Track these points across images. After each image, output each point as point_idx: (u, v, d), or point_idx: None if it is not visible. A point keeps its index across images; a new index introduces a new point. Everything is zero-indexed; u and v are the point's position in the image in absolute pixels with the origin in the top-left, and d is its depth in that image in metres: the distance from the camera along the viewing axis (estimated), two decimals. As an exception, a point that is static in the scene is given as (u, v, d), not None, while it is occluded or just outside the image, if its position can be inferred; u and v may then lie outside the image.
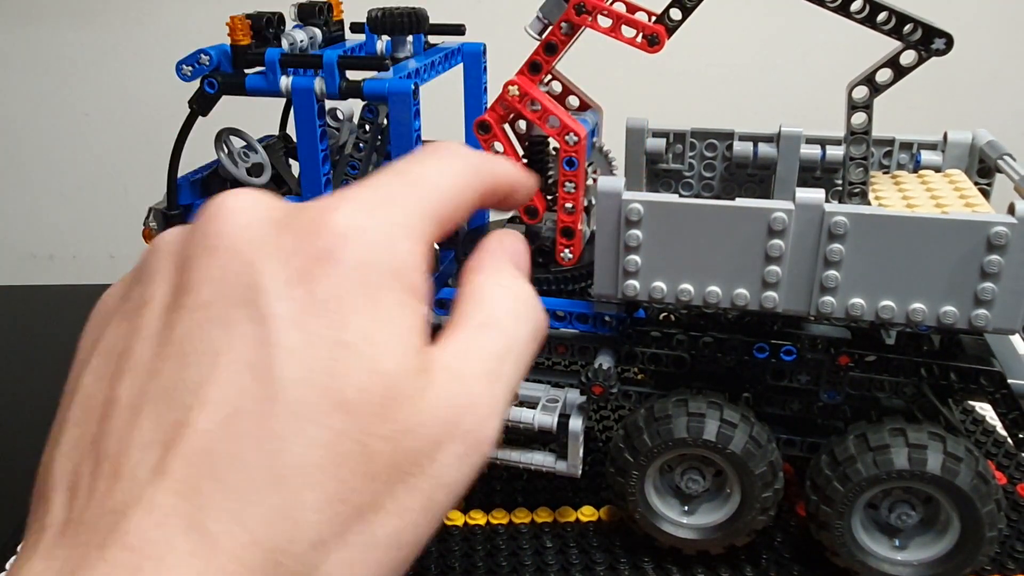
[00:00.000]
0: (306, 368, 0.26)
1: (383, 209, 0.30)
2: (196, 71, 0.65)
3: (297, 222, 0.29)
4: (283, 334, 0.26)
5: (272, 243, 0.28)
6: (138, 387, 0.27)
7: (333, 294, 0.27)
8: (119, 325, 0.29)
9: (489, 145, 0.65)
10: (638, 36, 0.60)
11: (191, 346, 0.26)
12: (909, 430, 0.56)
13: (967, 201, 0.59)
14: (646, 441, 0.60)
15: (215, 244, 0.28)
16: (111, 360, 0.28)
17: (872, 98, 0.59)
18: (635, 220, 0.55)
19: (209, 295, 0.27)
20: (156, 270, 0.30)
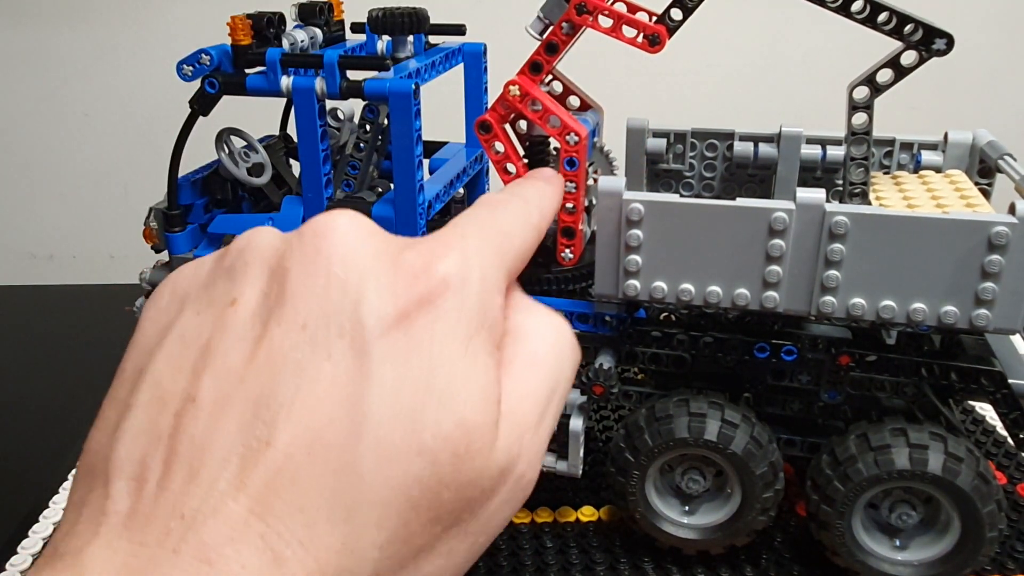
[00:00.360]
0: (395, 409, 0.27)
1: (483, 262, 0.31)
2: (197, 71, 0.65)
3: (404, 261, 0.29)
4: (378, 372, 0.27)
5: (378, 277, 0.28)
6: (224, 390, 0.27)
7: (430, 340, 0.28)
8: (202, 315, 0.29)
9: (490, 145, 0.65)
10: (639, 36, 0.60)
11: (284, 363, 0.27)
12: (910, 430, 0.56)
13: (968, 201, 0.59)
14: (647, 441, 0.60)
15: (320, 264, 0.28)
16: (190, 350, 0.28)
17: (873, 98, 0.59)
18: (636, 220, 0.55)
19: (309, 316, 0.27)
20: (248, 269, 0.29)
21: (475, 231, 0.33)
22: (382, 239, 0.30)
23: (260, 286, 0.29)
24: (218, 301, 0.29)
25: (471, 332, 0.30)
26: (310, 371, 0.27)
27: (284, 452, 0.25)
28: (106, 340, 1.04)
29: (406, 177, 0.63)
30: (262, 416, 0.26)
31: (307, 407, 0.26)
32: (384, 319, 0.28)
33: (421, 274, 0.29)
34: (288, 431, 0.26)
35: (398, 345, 0.28)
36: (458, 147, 0.79)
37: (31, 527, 0.69)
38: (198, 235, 0.71)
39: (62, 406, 0.91)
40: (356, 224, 0.30)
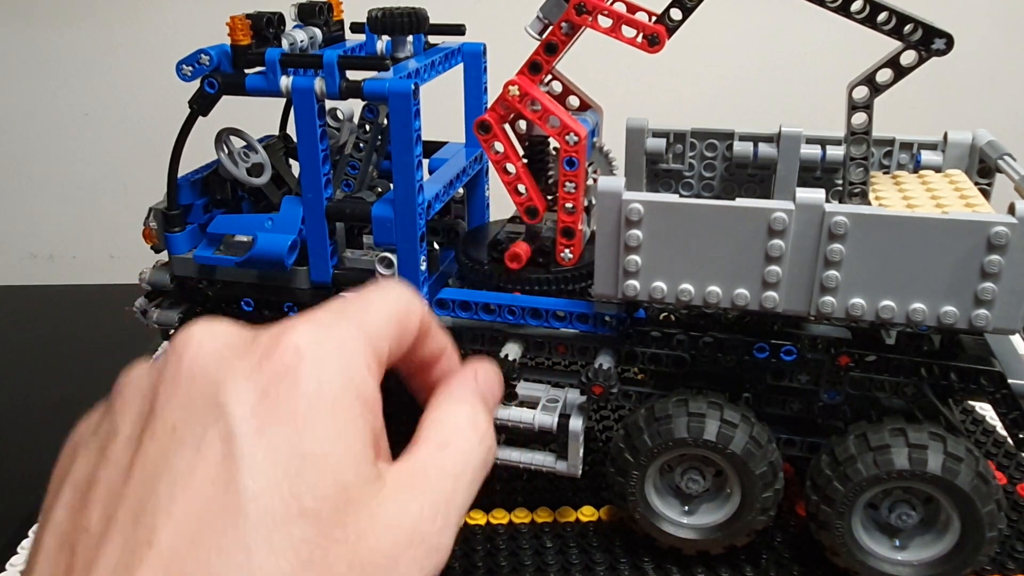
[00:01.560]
0: (269, 480, 0.27)
1: (335, 327, 0.32)
2: (196, 71, 0.65)
3: (256, 344, 0.31)
4: (247, 449, 0.28)
5: (234, 365, 0.30)
6: (106, 514, 0.28)
7: (293, 409, 0.29)
8: (87, 457, 0.30)
9: (489, 145, 0.65)
10: (638, 36, 0.60)
11: (158, 469, 0.28)
12: (909, 430, 0.56)
13: (967, 201, 0.59)
14: (646, 441, 0.60)
15: (181, 373, 0.30)
16: (80, 490, 0.29)
17: (872, 98, 0.59)
18: (635, 220, 0.55)
19: (176, 419, 0.29)
20: (125, 403, 0.31)
21: (328, 306, 0.34)
22: (235, 332, 0.31)
23: (136, 413, 0.30)
24: (101, 439, 0.30)
25: (335, 394, 0.30)
26: (182, 467, 0.28)
27: (168, 548, 0.26)
28: (106, 340, 1.05)
29: (405, 177, 0.63)
30: (143, 522, 0.27)
31: (184, 500, 0.27)
32: (246, 401, 0.29)
33: (273, 350, 0.30)
34: (169, 527, 0.27)
35: (264, 421, 0.28)
36: (458, 147, 0.79)
37: (31, 527, 0.69)
38: (197, 235, 0.71)
39: (62, 406, 0.91)
40: (208, 327, 0.31)
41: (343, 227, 0.71)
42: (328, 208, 0.66)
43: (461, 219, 0.81)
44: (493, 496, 0.71)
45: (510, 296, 0.65)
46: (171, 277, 0.71)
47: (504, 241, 0.68)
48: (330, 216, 0.66)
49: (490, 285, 0.67)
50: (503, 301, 0.64)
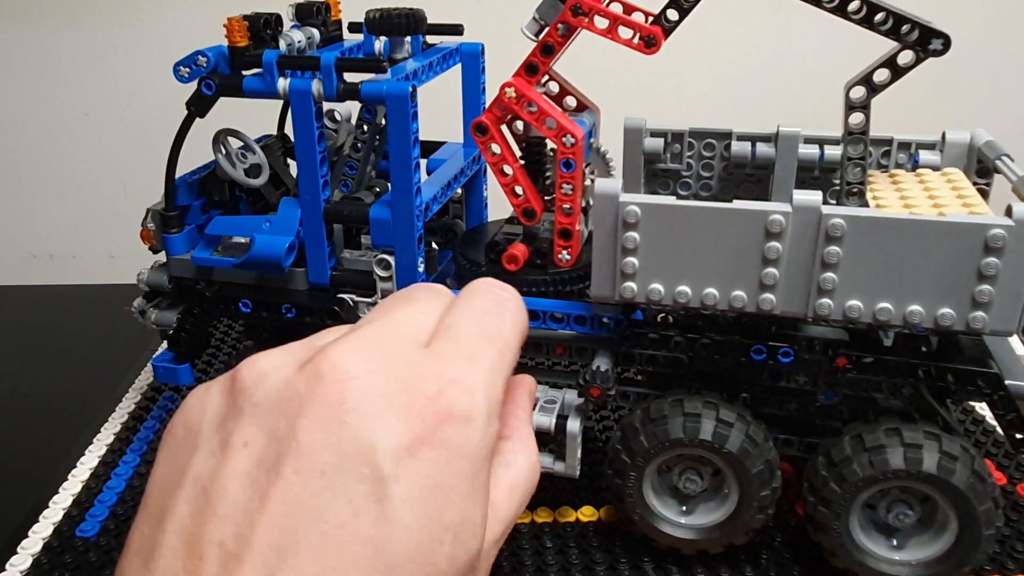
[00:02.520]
0: (416, 548, 0.29)
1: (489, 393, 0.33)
2: (193, 72, 0.65)
3: (414, 397, 0.31)
4: (398, 515, 0.28)
5: (390, 419, 0.30)
6: (241, 536, 0.28)
7: (441, 479, 0.30)
8: (216, 456, 0.30)
9: (486, 147, 0.65)
10: (635, 37, 0.60)
11: (304, 509, 0.28)
12: (905, 430, 0.56)
13: (965, 201, 0.58)
14: (643, 442, 0.60)
15: (330, 407, 0.29)
16: (209, 495, 0.29)
17: (870, 98, 0.59)
18: (632, 222, 0.55)
19: (326, 463, 0.29)
20: (258, 411, 0.31)
21: (479, 347, 0.34)
22: (392, 375, 0.31)
23: (268, 428, 0.30)
24: (231, 443, 0.30)
25: (476, 468, 0.31)
26: (333, 517, 0.28)
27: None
28: (106, 340, 1.05)
29: (403, 179, 0.63)
30: (289, 561, 0.27)
31: (334, 552, 0.27)
32: (399, 462, 0.29)
33: (430, 410, 0.30)
34: (317, 574, 0.27)
35: (414, 486, 0.29)
36: (456, 147, 0.78)
37: (31, 527, 0.69)
38: (195, 236, 0.71)
39: (62, 406, 0.91)
40: (357, 358, 0.31)
41: (341, 228, 0.71)
42: (326, 210, 0.66)
43: (459, 219, 0.81)
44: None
45: (508, 297, 0.65)
46: (169, 278, 0.71)
47: (501, 242, 0.68)
48: (328, 218, 0.66)
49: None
50: (501, 302, 0.64)
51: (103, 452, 0.79)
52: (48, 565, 0.65)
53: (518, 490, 0.36)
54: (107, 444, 0.80)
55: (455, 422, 0.31)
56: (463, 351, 0.33)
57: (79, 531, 0.68)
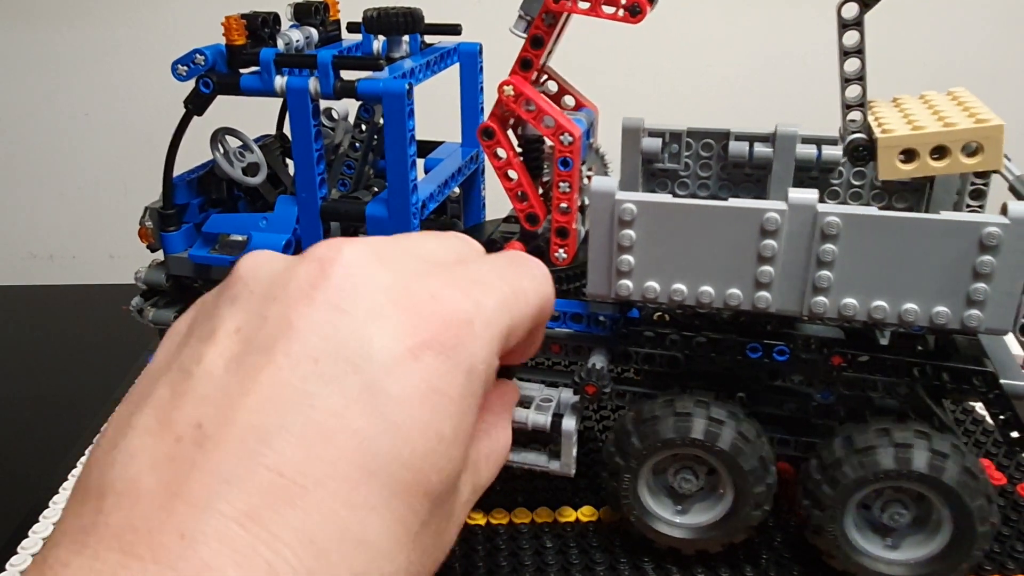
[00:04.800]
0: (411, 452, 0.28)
1: (495, 318, 0.32)
2: (191, 71, 0.65)
3: (416, 299, 0.30)
4: (391, 414, 0.28)
5: (388, 316, 0.29)
6: (227, 415, 0.27)
7: (443, 389, 0.29)
8: (205, 342, 0.29)
9: (492, 151, 0.65)
10: (619, 11, 0.59)
11: (293, 393, 0.27)
12: (894, 430, 0.56)
13: (970, 113, 0.56)
14: (635, 443, 0.60)
15: (329, 299, 0.29)
16: (193, 378, 0.28)
17: (863, 13, 0.57)
18: (628, 220, 0.55)
19: (319, 351, 0.28)
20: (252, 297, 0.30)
21: (492, 281, 0.33)
22: (393, 270, 0.30)
23: (261, 312, 0.29)
24: (221, 329, 0.29)
25: (474, 387, 0.31)
26: (323, 405, 0.27)
27: (295, 482, 0.26)
28: (106, 340, 1.05)
29: (399, 177, 0.63)
30: (271, 444, 0.26)
31: (321, 440, 0.26)
32: (398, 361, 0.28)
33: (434, 317, 0.30)
34: (299, 461, 0.26)
35: (411, 388, 0.28)
36: (454, 147, 0.79)
37: (31, 527, 0.69)
38: (193, 234, 0.71)
39: (62, 406, 0.91)
40: (362, 254, 0.30)
41: (339, 226, 0.71)
42: (322, 207, 0.66)
43: (457, 219, 0.81)
44: (493, 496, 0.71)
45: (504, 296, 0.65)
46: (167, 276, 0.71)
47: (499, 240, 0.68)
48: (324, 216, 0.66)
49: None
50: (497, 301, 0.64)
51: (103, 452, 0.78)
52: (47, 564, 0.65)
53: (493, 459, 0.36)
54: (107, 444, 0.80)
55: (460, 332, 0.30)
56: (474, 278, 0.33)
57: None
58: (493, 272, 0.34)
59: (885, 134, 0.55)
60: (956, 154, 0.54)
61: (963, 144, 0.54)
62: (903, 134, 0.55)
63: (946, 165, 0.54)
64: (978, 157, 0.54)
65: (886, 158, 0.55)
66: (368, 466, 0.27)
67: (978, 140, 0.54)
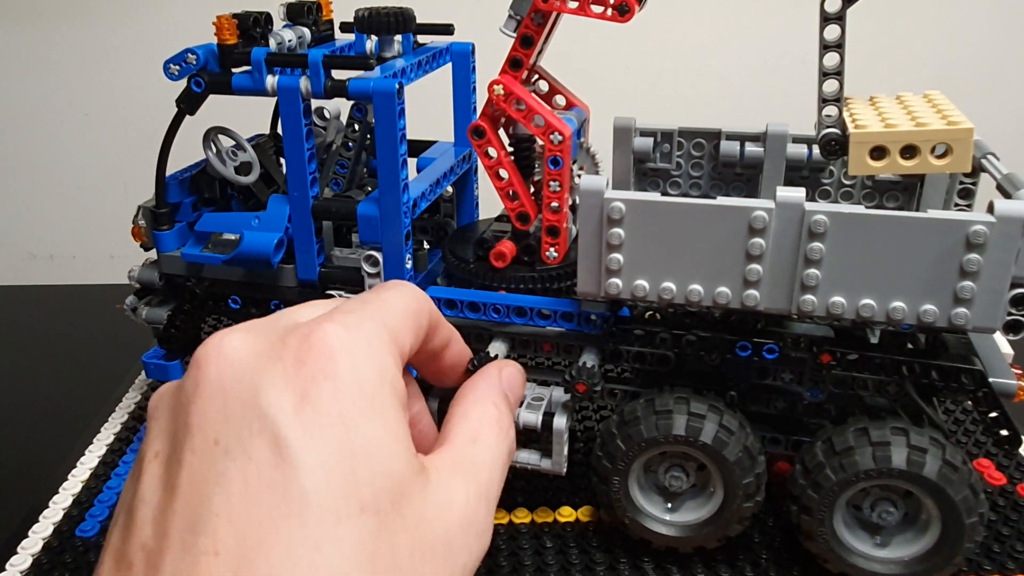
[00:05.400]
0: (327, 479, 0.28)
1: (362, 325, 0.33)
2: (183, 70, 0.65)
3: (286, 347, 0.31)
4: (299, 451, 0.28)
5: (268, 370, 0.30)
6: (160, 530, 0.28)
7: (337, 408, 0.30)
8: (131, 482, 0.31)
9: (483, 150, 0.65)
10: (607, 10, 0.59)
11: (208, 482, 0.28)
12: (872, 429, 0.56)
13: (943, 114, 0.57)
14: (620, 446, 0.60)
15: (210, 385, 0.30)
16: (130, 512, 0.30)
17: (845, 8, 0.57)
18: (617, 219, 0.55)
19: (217, 432, 0.29)
20: (157, 424, 0.31)
21: (347, 305, 0.35)
22: (259, 336, 0.32)
23: (169, 431, 0.31)
24: (144, 461, 0.31)
25: (374, 390, 0.31)
26: (235, 477, 0.28)
27: (235, 554, 0.27)
28: (106, 340, 1.05)
29: (390, 176, 0.63)
30: (204, 531, 0.27)
31: (243, 508, 0.27)
32: (287, 404, 0.29)
33: (306, 352, 0.31)
34: (231, 535, 0.27)
35: (310, 423, 0.29)
36: (446, 146, 0.79)
37: (31, 527, 0.69)
38: (186, 233, 0.71)
39: (62, 406, 0.92)
40: (228, 336, 0.31)
41: (331, 225, 0.71)
42: (314, 207, 0.66)
43: (450, 218, 0.81)
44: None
45: (495, 294, 0.65)
46: (159, 275, 0.72)
47: (490, 240, 0.68)
48: (316, 215, 0.66)
49: (476, 283, 0.67)
50: (488, 299, 0.64)
51: (103, 452, 0.79)
52: (48, 565, 0.65)
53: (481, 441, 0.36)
54: (107, 444, 0.80)
55: (334, 354, 0.31)
56: (334, 309, 0.34)
57: (79, 531, 0.68)
58: (353, 300, 0.36)
59: (858, 130, 0.56)
60: (925, 154, 0.55)
61: (933, 145, 0.54)
62: (875, 131, 0.55)
63: (915, 164, 0.55)
64: (947, 159, 0.55)
65: (857, 154, 0.56)
66: (296, 511, 0.27)
67: (947, 142, 0.54)
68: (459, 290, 0.66)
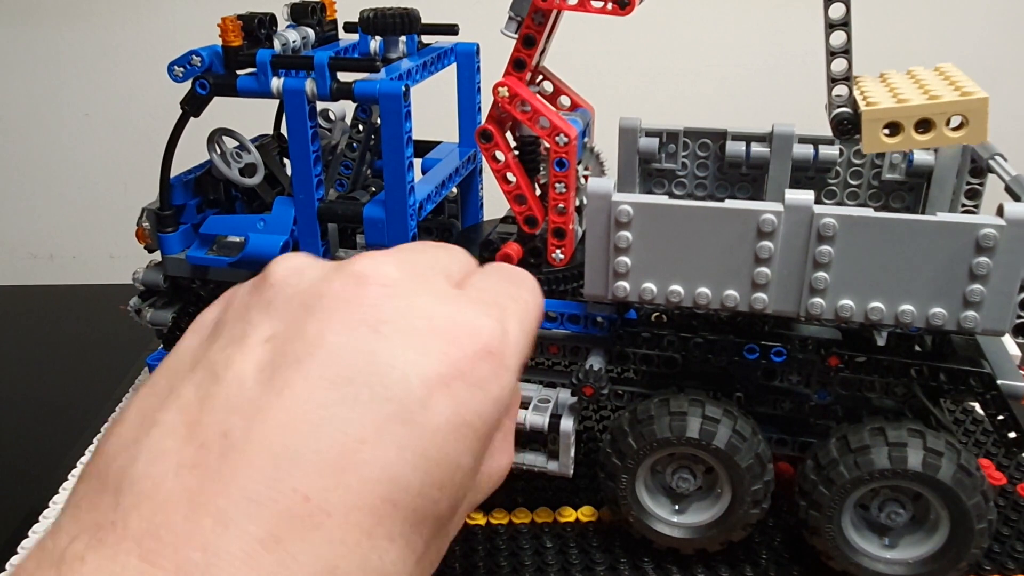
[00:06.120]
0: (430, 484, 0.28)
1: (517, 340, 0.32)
2: (188, 72, 0.65)
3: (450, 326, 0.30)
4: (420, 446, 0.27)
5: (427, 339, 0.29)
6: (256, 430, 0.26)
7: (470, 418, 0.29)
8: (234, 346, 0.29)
9: (491, 154, 0.65)
10: (607, 4, 0.59)
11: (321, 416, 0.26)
12: (889, 429, 0.56)
13: (956, 87, 0.55)
14: (631, 444, 0.60)
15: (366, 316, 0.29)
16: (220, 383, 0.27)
17: (849, 14, 0.56)
18: (624, 221, 0.55)
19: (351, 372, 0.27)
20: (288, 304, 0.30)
21: (508, 304, 0.33)
22: (425, 291, 0.30)
23: (299, 324, 0.28)
24: (253, 334, 0.29)
25: (498, 416, 0.30)
26: (353, 430, 0.26)
27: (321, 508, 0.25)
28: (106, 340, 1.05)
29: (397, 178, 0.63)
30: (299, 466, 0.25)
31: (349, 466, 0.26)
32: (429, 387, 0.28)
33: (467, 347, 0.29)
34: (326, 487, 0.25)
35: (439, 420, 0.28)
36: (451, 147, 0.79)
37: (31, 527, 0.69)
38: (190, 235, 0.71)
39: (62, 406, 0.91)
40: (398, 273, 0.30)
41: (336, 227, 0.71)
42: (320, 209, 0.66)
43: (455, 219, 0.81)
44: (493, 496, 0.70)
45: (501, 296, 0.65)
46: (164, 277, 0.71)
47: (496, 241, 0.68)
48: (322, 217, 0.66)
49: (482, 285, 0.67)
50: (494, 301, 0.64)
51: (103, 452, 0.78)
52: (47, 564, 0.65)
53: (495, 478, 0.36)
54: (107, 444, 0.80)
55: (493, 362, 0.29)
56: (492, 300, 0.32)
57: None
58: (503, 292, 0.34)
59: (870, 107, 0.54)
60: (941, 127, 0.53)
61: (948, 117, 0.53)
62: (887, 106, 0.54)
63: (931, 138, 0.54)
64: (963, 130, 0.53)
65: (870, 131, 0.54)
66: (392, 497, 0.26)
67: (963, 113, 0.53)
68: (465, 292, 0.66)
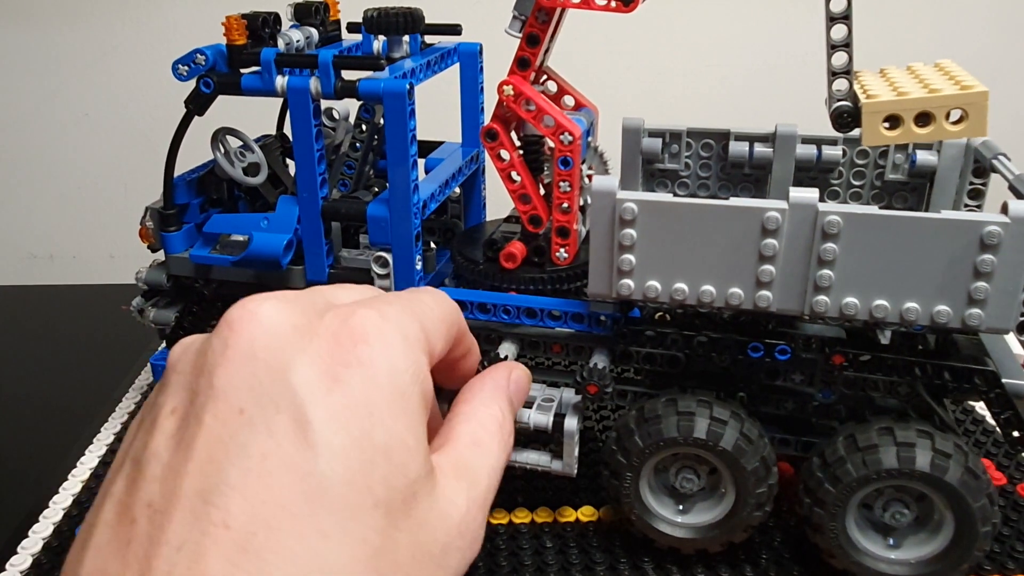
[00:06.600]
0: (346, 469, 0.28)
1: (401, 319, 0.33)
2: (192, 71, 0.65)
3: (323, 326, 0.31)
4: (323, 439, 0.28)
5: (302, 347, 0.30)
6: (168, 490, 0.28)
7: (366, 398, 0.30)
8: (147, 431, 0.30)
9: (496, 153, 0.65)
10: (611, 1, 0.59)
11: (227, 451, 0.28)
12: (897, 429, 0.56)
13: (956, 81, 0.56)
14: (637, 442, 0.60)
15: (240, 349, 0.30)
16: (141, 465, 0.29)
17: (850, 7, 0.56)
18: (629, 219, 0.55)
19: (243, 400, 0.29)
20: (179, 377, 0.31)
21: (385, 297, 0.35)
22: (295, 308, 0.31)
23: (190, 387, 0.30)
24: (160, 414, 0.30)
25: (404, 387, 0.31)
26: (255, 451, 0.28)
27: (244, 530, 0.26)
28: (106, 340, 1.05)
29: (401, 177, 0.63)
30: (215, 502, 0.27)
31: (261, 484, 0.27)
32: (317, 387, 0.29)
33: (343, 335, 0.30)
34: (244, 510, 0.27)
35: (336, 408, 0.29)
36: (454, 146, 0.79)
37: (31, 527, 0.69)
38: (194, 234, 0.71)
39: (62, 406, 0.91)
40: (266, 301, 0.31)
41: (339, 226, 0.71)
42: (323, 208, 0.66)
43: (458, 218, 0.81)
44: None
45: (505, 295, 0.65)
46: (167, 276, 0.71)
47: (499, 240, 0.68)
48: (325, 216, 0.66)
49: (485, 284, 0.67)
50: (498, 300, 0.64)
51: (103, 452, 0.78)
52: (48, 565, 0.65)
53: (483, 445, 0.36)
54: (107, 444, 0.80)
55: (371, 341, 0.31)
56: (374, 299, 0.34)
57: (79, 531, 0.68)
58: (391, 294, 0.36)
59: (870, 100, 0.55)
60: (940, 121, 0.54)
61: (948, 111, 0.53)
62: (887, 99, 0.54)
63: (930, 132, 0.54)
64: (963, 124, 0.54)
65: (870, 124, 0.55)
66: (311, 496, 0.27)
67: (962, 106, 0.53)
68: (469, 291, 0.66)
